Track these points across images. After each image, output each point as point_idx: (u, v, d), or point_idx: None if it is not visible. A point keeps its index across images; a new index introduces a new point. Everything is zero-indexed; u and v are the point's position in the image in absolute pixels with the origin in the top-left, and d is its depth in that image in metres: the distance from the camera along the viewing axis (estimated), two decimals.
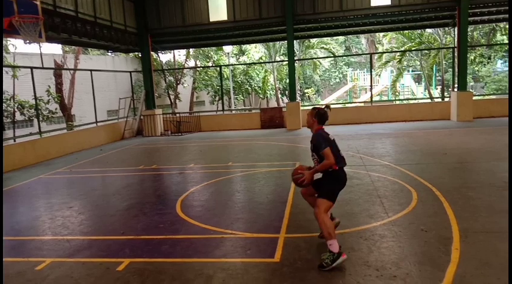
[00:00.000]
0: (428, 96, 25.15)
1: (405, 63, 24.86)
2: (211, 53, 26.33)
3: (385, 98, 30.07)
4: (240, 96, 28.53)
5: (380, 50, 31.78)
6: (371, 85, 18.80)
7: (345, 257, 3.71)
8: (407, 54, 23.99)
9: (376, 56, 28.01)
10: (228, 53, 25.70)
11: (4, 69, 14.69)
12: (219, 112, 20.21)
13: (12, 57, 17.55)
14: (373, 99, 20.16)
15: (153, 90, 17.12)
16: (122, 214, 5.94)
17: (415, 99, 24.53)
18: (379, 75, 29.01)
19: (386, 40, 29.63)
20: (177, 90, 25.72)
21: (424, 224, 4.65)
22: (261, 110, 17.15)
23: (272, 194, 6.53)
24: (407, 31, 21.30)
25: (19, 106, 15.06)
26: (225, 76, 25.08)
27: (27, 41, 8.58)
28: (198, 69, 26.79)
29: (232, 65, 26.15)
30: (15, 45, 17.37)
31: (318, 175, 4.05)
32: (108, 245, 4.74)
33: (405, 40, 23.92)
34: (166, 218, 5.49)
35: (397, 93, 28.41)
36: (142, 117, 16.59)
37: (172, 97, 25.52)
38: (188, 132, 16.24)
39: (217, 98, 26.91)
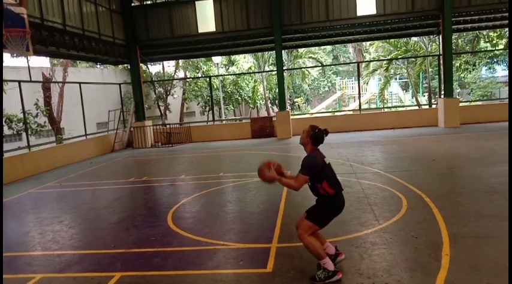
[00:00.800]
0: (415, 103, 25.50)
1: (392, 71, 25.20)
2: (201, 64, 26.42)
3: (373, 106, 30.42)
4: (230, 106, 28.61)
5: (367, 58, 32.20)
6: (359, 94, 19.04)
7: (340, 276, 3.64)
8: (394, 62, 24.35)
9: (363, 65, 28.38)
10: (217, 64, 25.81)
11: None
12: (209, 123, 20.22)
13: None
14: (362, 107, 20.39)
15: (143, 101, 17.09)
16: (113, 228, 5.89)
17: (403, 106, 24.86)
18: (367, 84, 29.37)
19: (373, 49, 30.05)
20: (167, 101, 25.69)
21: (414, 230, 4.71)
22: (252, 120, 17.23)
23: (264, 204, 6.54)
24: (393, 39, 21.66)
25: (7, 120, 14.89)
26: (215, 86, 25.16)
27: (15, 55, 8.56)
28: (187, 80, 26.83)
29: (221, 75, 26.24)
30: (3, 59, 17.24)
31: (313, 202, 3.87)
32: (99, 259, 4.69)
33: (391, 48, 24.31)
34: (158, 231, 5.46)
35: (385, 101, 28.75)
36: (132, 129, 16.53)
37: (162, 108, 25.47)
38: (179, 143, 16.21)
39: (207, 108, 26.93)
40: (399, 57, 23.61)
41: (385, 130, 15.02)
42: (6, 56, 15.84)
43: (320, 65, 28.65)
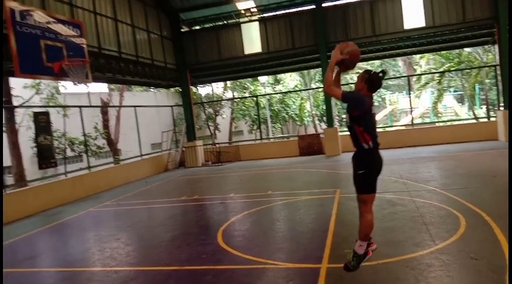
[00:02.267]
0: (472, 116, 24.19)
1: (445, 83, 24.16)
2: (248, 84, 26.97)
3: (427, 120, 29.20)
4: (278, 124, 28.80)
5: (418, 71, 31.18)
6: (411, 108, 18.42)
7: (371, 255, 3.81)
8: (447, 75, 23.37)
9: (414, 78, 27.51)
10: (263, 83, 26.22)
11: (56, 108, 15.80)
12: (257, 141, 20.43)
13: (63, 98, 18.81)
14: (415, 121, 19.67)
15: (194, 122, 17.68)
16: (166, 245, 6.10)
17: (459, 120, 23.67)
18: (419, 97, 28.34)
19: (424, 61, 29.07)
20: (216, 121, 26.40)
21: (474, 252, 4.44)
22: (299, 137, 17.20)
23: (313, 223, 6.48)
24: (444, 51, 20.86)
25: (69, 143, 16.03)
26: (262, 105, 25.50)
27: (76, 83, 9.25)
28: (235, 100, 27.44)
29: (268, 94, 26.58)
30: (66, 87, 18.70)
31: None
32: (154, 276, 4.87)
33: (443, 60, 23.38)
34: (209, 249, 5.57)
35: (439, 115, 27.54)
36: (184, 149, 17.10)
37: (212, 128, 26.19)
38: (228, 162, 16.52)
39: (255, 127, 27.31)
40: (452, 69, 22.65)
41: (440, 146, 14.36)
42: (68, 84, 17.23)
43: None
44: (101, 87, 25.08)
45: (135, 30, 14.01)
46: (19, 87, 16.10)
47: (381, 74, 3.65)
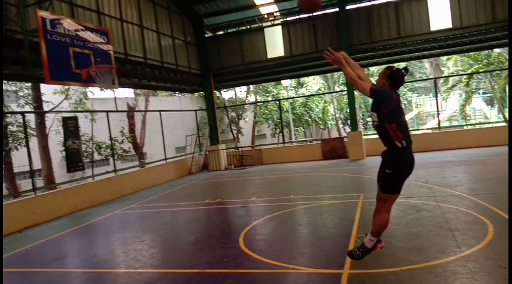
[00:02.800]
0: (503, 119, 23.37)
1: (474, 85, 23.45)
2: (271, 88, 27.01)
3: (455, 123, 28.43)
4: (301, 127, 28.69)
5: (445, 73, 30.43)
6: (437, 111, 18.00)
7: (377, 250, 3.91)
8: (475, 76, 22.70)
9: (441, 80, 26.85)
10: (286, 87, 26.21)
11: (83, 113, 16.29)
12: (279, 145, 20.40)
13: (91, 103, 19.37)
14: (442, 124, 19.19)
15: (217, 126, 17.85)
16: (189, 248, 6.18)
17: (488, 122, 22.92)
18: (446, 100, 27.63)
19: (451, 63, 28.35)
20: (239, 125, 26.54)
21: (502, 260, 4.28)
22: (322, 141, 17.08)
23: (335, 228, 6.42)
24: (472, 53, 20.28)
25: (97, 146, 16.47)
26: (285, 109, 25.47)
27: (102, 88, 9.51)
28: (258, 104, 27.52)
29: (290, 98, 26.54)
30: (93, 92, 19.25)
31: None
32: (176, 279, 4.94)
33: (471, 62, 22.73)
34: (230, 252, 5.61)
35: (467, 118, 26.76)
36: (207, 153, 17.28)
37: (234, 132, 26.35)
38: (250, 166, 16.57)
39: (277, 131, 27.30)
40: (480, 70, 21.99)
41: (468, 149, 13.94)
42: (95, 89, 17.75)
43: None
44: (128, 92, 25.74)
45: (160, 36, 14.30)
46: (49, 92, 16.70)
47: (403, 71, 3.56)
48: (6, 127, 14.62)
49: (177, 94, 28.56)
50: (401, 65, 31.92)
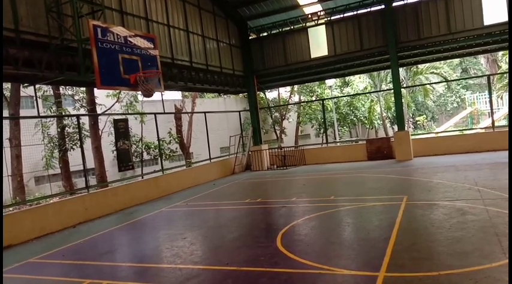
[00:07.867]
0: None
1: None
2: (315, 87, 26.81)
3: None
4: (345, 127, 28.22)
5: (503, 68, 28.61)
6: (491, 109, 16.98)
7: None
8: None
9: (496, 76, 25.29)
10: (330, 86, 25.90)
11: (133, 116, 17.10)
12: (323, 145, 20.21)
13: (141, 105, 20.28)
14: (496, 124, 18.08)
15: (260, 126, 18.02)
16: (227, 246, 6.36)
17: None
18: (501, 98, 25.98)
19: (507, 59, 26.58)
20: (283, 125, 26.58)
21: None
22: (367, 141, 16.71)
23: (374, 230, 6.31)
24: None
25: (146, 147, 17.23)
26: (329, 108, 25.18)
27: (145, 95, 9.84)
28: (301, 104, 27.41)
29: (334, 97, 26.16)
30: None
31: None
32: (214, 275, 5.12)
33: None
34: (267, 251, 5.70)
35: None
36: (250, 153, 17.50)
37: (278, 132, 26.42)
38: (293, 166, 16.57)
39: (321, 131, 27.05)
40: None
41: None
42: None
43: (443, 80, 26.49)
44: (175, 95, 26.60)
45: (205, 40, 14.71)
46: (102, 96, 17.69)
47: None
48: (64, 129, 15.69)
49: (222, 96, 29.16)
50: (456, 61, 30.39)
